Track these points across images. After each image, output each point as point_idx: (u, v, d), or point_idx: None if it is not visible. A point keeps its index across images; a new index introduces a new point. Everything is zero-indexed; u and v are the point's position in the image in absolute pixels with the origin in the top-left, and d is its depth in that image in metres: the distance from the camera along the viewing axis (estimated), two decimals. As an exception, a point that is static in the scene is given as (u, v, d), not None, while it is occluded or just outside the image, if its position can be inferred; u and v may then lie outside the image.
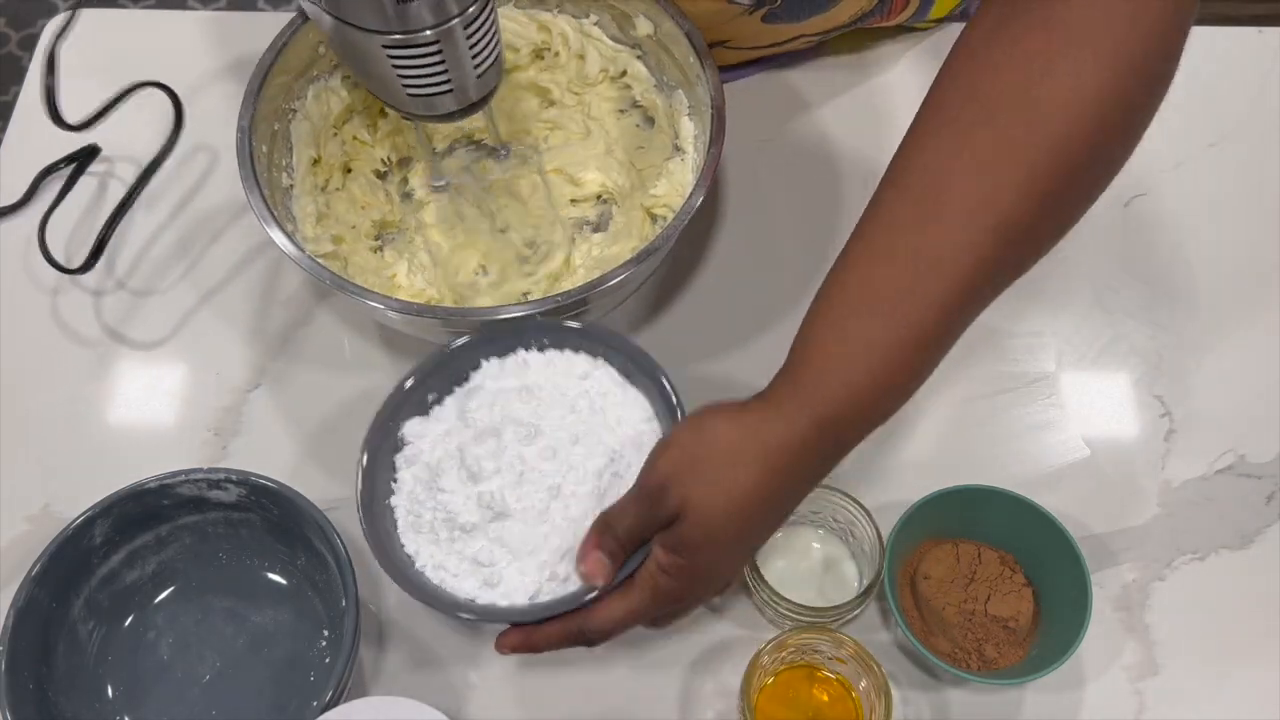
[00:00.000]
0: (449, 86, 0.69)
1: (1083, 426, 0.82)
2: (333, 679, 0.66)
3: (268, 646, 0.74)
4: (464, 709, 0.73)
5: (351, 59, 0.71)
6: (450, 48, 0.67)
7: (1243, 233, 0.89)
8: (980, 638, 0.71)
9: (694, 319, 0.85)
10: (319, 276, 0.71)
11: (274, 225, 0.73)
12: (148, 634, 0.74)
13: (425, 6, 0.64)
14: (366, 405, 0.83)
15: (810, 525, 0.76)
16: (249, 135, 0.75)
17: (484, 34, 0.68)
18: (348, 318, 0.86)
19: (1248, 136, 0.93)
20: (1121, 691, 0.73)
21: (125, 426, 0.83)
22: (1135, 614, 0.75)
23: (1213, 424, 0.82)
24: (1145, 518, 0.78)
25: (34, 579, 0.68)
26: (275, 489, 0.71)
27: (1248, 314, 0.86)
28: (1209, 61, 0.97)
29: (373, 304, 0.71)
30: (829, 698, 0.71)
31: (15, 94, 0.98)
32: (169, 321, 0.86)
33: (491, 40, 0.69)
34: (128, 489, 0.71)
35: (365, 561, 0.76)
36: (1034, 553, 0.73)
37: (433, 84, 0.69)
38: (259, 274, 0.88)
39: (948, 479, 0.74)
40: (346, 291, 0.71)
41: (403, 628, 0.75)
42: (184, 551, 0.75)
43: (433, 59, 0.67)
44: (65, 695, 0.70)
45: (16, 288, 0.88)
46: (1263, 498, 0.79)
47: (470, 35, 0.67)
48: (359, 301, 0.71)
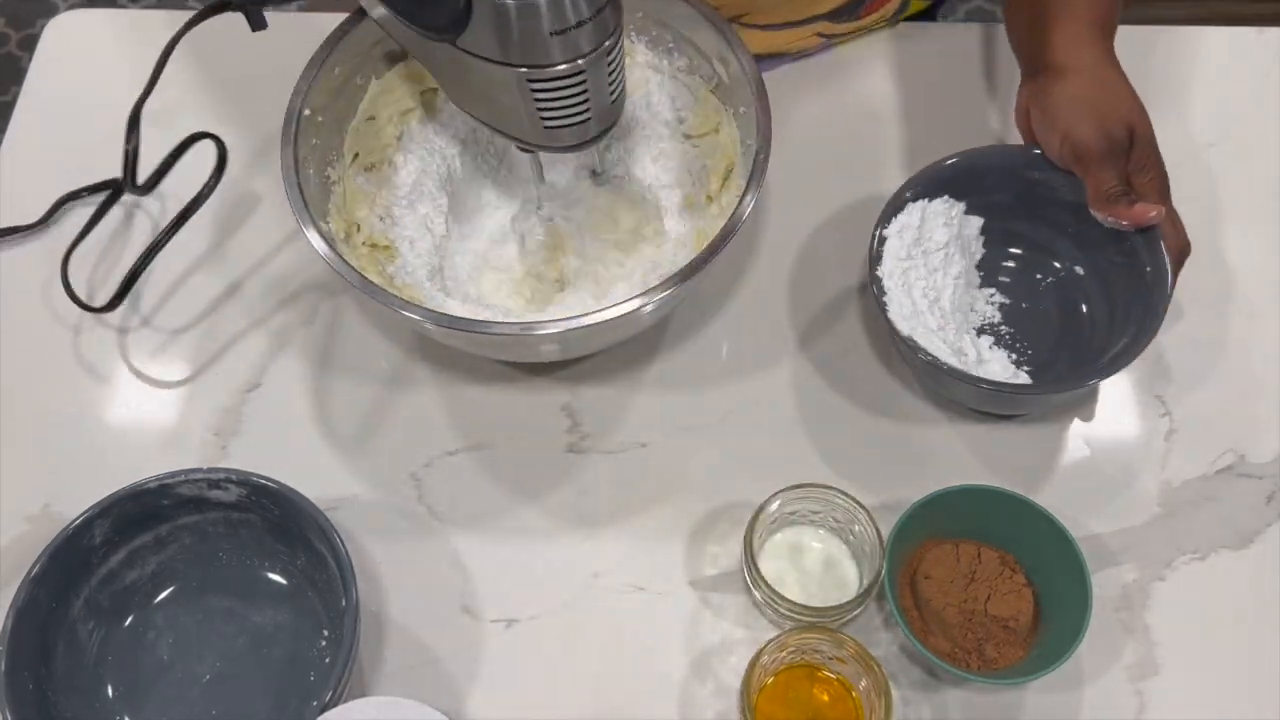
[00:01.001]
0: (588, 115, 0.68)
1: (1083, 426, 0.82)
2: (333, 679, 0.66)
3: (268, 646, 0.74)
4: (464, 709, 0.73)
5: (472, 93, 0.70)
6: (594, 76, 0.66)
7: (1243, 232, 0.89)
8: (980, 638, 0.71)
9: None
10: (351, 280, 0.70)
11: (311, 227, 0.72)
12: (148, 634, 0.74)
13: (582, 35, 0.63)
14: (367, 405, 0.83)
15: (810, 525, 0.76)
16: (296, 118, 0.75)
17: (620, 60, 0.68)
18: (352, 317, 0.86)
19: (1248, 136, 0.93)
20: (1121, 691, 0.73)
21: (125, 426, 0.83)
22: (1135, 614, 0.75)
23: (1213, 424, 0.82)
24: (1145, 518, 0.78)
25: (34, 579, 0.68)
26: (275, 489, 0.71)
27: (1248, 314, 0.86)
28: (1209, 61, 0.97)
29: (410, 315, 0.70)
30: (829, 698, 0.71)
31: (15, 94, 0.98)
32: (171, 324, 0.86)
33: (623, 66, 0.69)
34: (128, 489, 0.71)
35: (365, 561, 0.77)
36: (1034, 553, 0.73)
37: (573, 114, 0.68)
38: (268, 273, 0.88)
39: (948, 479, 0.74)
40: (383, 303, 0.70)
41: (403, 628, 0.75)
42: (184, 551, 0.75)
43: (577, 89, 0.66)
44: (65, 695, 0.70)
45: (18, 286, 0.88)
46: (1263, 498, 0.79)
47: (611, 63, 0.67)
48: (398, 313, 0.70)
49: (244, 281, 0.88)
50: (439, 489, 0.80)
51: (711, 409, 0.82)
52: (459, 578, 0.77)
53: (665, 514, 0.79)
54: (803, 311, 0.86)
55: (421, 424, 0.82)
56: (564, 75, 0.65)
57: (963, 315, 0.82)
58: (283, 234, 0.89)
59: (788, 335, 0.85)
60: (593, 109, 0.68)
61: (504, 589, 0.76)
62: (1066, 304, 0.83)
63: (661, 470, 0.80)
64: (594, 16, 0.63)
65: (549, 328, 0.69)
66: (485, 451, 0.81)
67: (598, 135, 0.71)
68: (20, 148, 0.94)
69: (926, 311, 0.79)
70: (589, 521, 0.79)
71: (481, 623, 0.75)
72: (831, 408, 0.82)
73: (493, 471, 0.80)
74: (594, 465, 0.81)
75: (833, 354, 0.84)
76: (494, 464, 0.81)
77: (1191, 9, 1.95)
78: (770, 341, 0.85)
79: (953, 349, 0.78)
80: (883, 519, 0.72)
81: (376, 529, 0.78)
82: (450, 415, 0.82)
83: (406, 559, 0.77)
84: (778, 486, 0.73)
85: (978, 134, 0.92)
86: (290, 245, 0.89)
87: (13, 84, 1.99)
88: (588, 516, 0.79)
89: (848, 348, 0.84)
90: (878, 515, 0.72)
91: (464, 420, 0.82)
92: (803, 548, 0.76)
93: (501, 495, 0.80)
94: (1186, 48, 0.98)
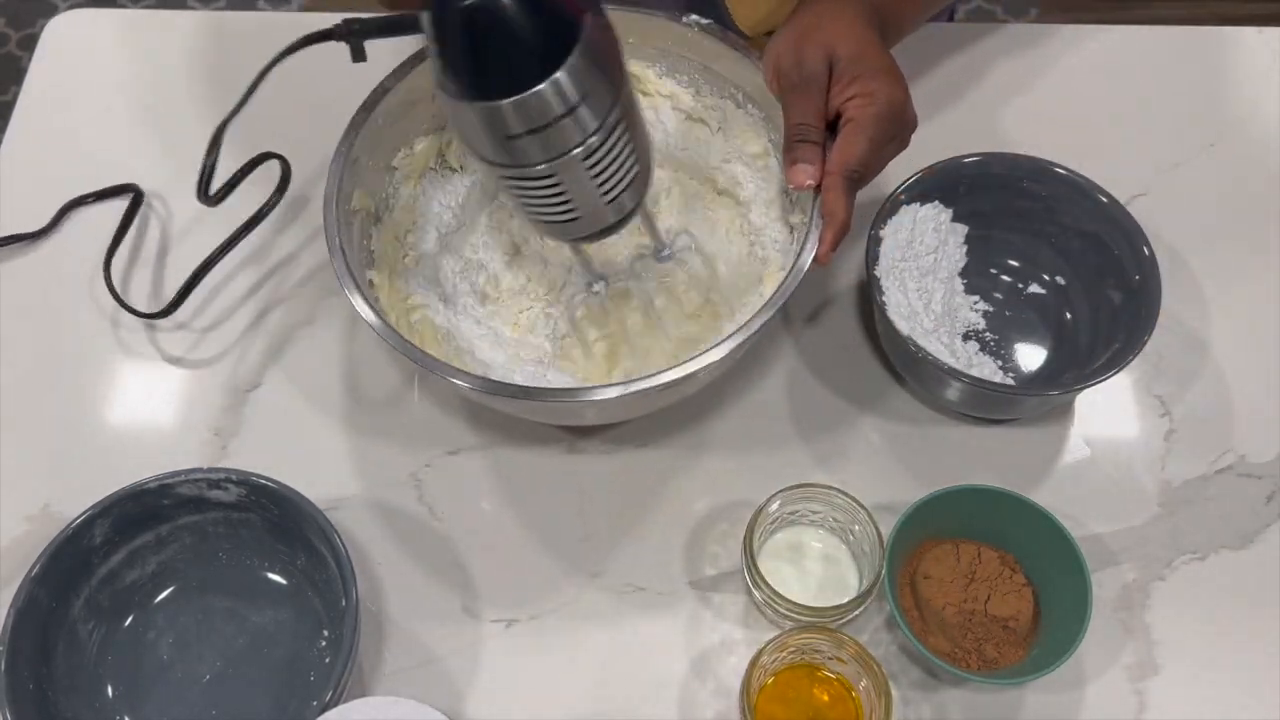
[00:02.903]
0: (574, 215, 0.64)
1: (1083, 426, 0.82)
2: (333, 679, 0.66)
3: (268, 646, 0.74)
4: (464, 709, 0.73)
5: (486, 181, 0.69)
6: (571, 179, 0.62)
7: (1243, 233, 0.89)
8: (980, 638, 0.71)
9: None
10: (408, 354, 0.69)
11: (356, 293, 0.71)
12: (148, 634, 0.74)
13: (534, 143, 0.59)
14: (367, 405, 0.83)
15: (810, 525, 0.76)
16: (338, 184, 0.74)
17: (611, 161, 0.62)
18: (351, 319, 0.86)
19: (1248, 136, 0.93)
20: (1121, 691, 0.73)
21: (125, 426, 0.83)
22: (1135, 614, 0.75)
23: (1213, 424, 0.82)
24: (1145, 518, 0.78)
25: (34, 579, 0.68)
26: (275, 489, 0.71)
27: (1247, 314, 0.86)
28: (1209, 61, 0.97)
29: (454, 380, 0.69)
30: (829, 698, 0.71)
31: (15, 94, 0.98)
32: (171, 324, 0.86)
33: (621, 166, 0.63)
34: (128, 489, 0.71)
35: (365, 561, 0.77)
36: (1034, 553, 0.73)
37: (556, 213, 0.64)
38: (268, 272, 0.88)
39: (947, 479, 0.74)
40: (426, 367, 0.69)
41: (403, 628, 0.75)
42: (184, 551, 0.75)
43: (551, 191, 0.62)
44: (65, 695, 0.70)
45: (20, 289, 0.88)
46: (1263, 498, 0.79)
47: (592, 166, 0.62)
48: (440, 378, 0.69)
49: (244, 282, 0.88)
50: (439, 489, 0.80)
51: (711, 409, 0.82)
52: (459, 578, 0.77)
53: (665, 514, 0.79)
54: (802, 311, 0.86)
55: (422, 424, 0.82)
56: (532, 178, 0.62)
57: (950, 320, 0.82)
58: (284, 235, 0.89)
59: (787, 335, 0.85)
60: (579, 208, 0.64)
61: (504, 589, 0.76)
62: (1050, 313, 0.83)
63: (661, 470, 0.80)
64: (567, 114, 0.58)
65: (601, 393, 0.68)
66: (485, 452, 0.81)
67: (607, 229, 0.67)
68: (20, 148, 0.94)
69: (922, 313, 0.79)
70: (589, 522, 0.79)
71: (481, 623, 0.75)
72: (831, 408, 0.82)
73: (493, 471, 0.80)
74: (594, 465, 0.81)
75: (832, 354, 0.84)
76: (494, 464, 0.81)
77: (1191, 9, 1.95)
78: (769, 341, 0.85)
79: (949, 351, 0.78)
80: (883, 519, 0.72)
81: (376, 529, 0.78)
82: (451, 416, 0.82)
83: (406, 559, 0.77)
84: (777, 487, 0.73)
85: (978, 135, 0.92)
86: (291, 246, 0.89)
87: (13, 84, 2.00)
88: (587, 517, 0.79)
89: (847, 348, 0.84)
90: (878, 515, 0.72)
91: (464, 420, 0.82)
92: (803, 548, 0.76)
93: (501, 495, 0.80)
94: (1186, 48, 0.98)
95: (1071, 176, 0.80)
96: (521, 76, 0.57)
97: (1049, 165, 0.81)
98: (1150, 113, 0.95)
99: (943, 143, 0.82)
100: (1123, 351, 0.75)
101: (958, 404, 0.80)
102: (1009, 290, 0.85)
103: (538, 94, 0.57)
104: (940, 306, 0.81)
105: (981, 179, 0.81)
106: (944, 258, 0.82)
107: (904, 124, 0.73)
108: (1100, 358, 0.77)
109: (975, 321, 0.83)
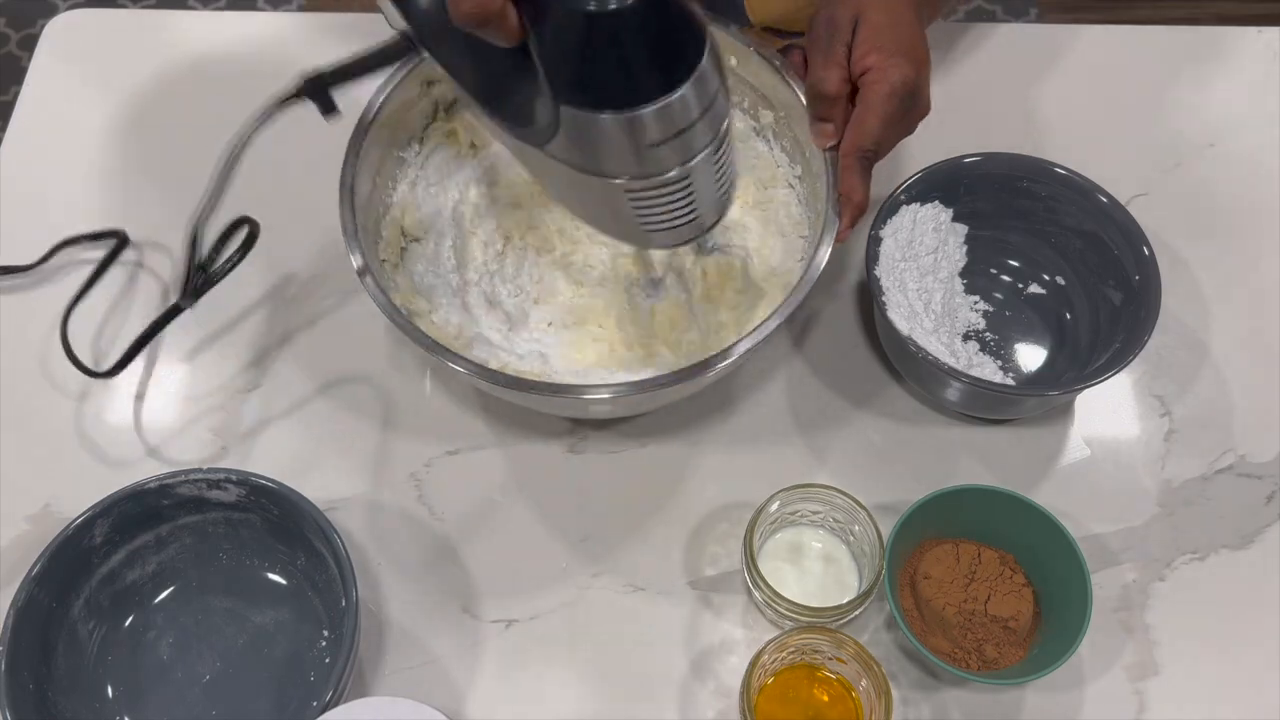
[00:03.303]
0: (694, 216, 0.64)
1: (1083, 426, 0.82)
2: (333, 679, 0.66)
3: (268, 646, 0.74)
4: (464, 709, 0.73)
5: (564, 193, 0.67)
6: (700, 180, 0.61)
7: (1243, 233, 0.89)
8: (980, 638, 0.71)
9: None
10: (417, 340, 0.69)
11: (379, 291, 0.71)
12: (148, 634, 0.74)
13: (672, 148, 0.58)
14: (368, 405, 0.83)
15: (810, 525, 0.76)
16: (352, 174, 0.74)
17: (726, 157, 0.63)
18: (352, 316, 0.86)
19: (1248, 136, 0.93)
20: (1121, 691, 0.73)
21: (125, 426, 0.83)
22: (1135, 614, 0.75)
23: (1213, 424, 0.82)
24: (1145, 518, 0.78)
25: (34, 579, 0.68)
26: (275, 489, 0.71)
27: (1248, 314, 0.86)
28: (1209, 61, 0.97)
29: (461, 369, 0.69)
30: (829, 698, 0.71)
31: (15, 94, 0.98)
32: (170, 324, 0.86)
33: (731, 161, 0.64)
34: (128, 489, 0.71)
35: (365, 561, 0.77)
36: (1034, 553, 0.73)
37: (677, 218, 0.63)
38: (268, 273, 0.88)
39: (947, 479, 0.74)
40: (439, 356, 0.69)
41: (403, 628, 0.75)
42: (184, 551, 0.75)
43: (679, 195, 0.62)
44: (65, 695, 0.70)
45: (19, 297, 0.88)
46: (1263, 498, 0.79)
47: (717, 164, 0.62)
48: (455, 371, 0.69)
49: (244, 282, 0.88)
50: (439, 489, 0.80)
51: (711, 409, 0.82)
52: (459, 578, 0.77)
53: (665, 514, 0.79)
54: (801, 311, 0.86)
55: (422, 424, 0.82)
56: (665, 185, 0.60)
57: (950, 320, 0.82)
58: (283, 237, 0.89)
59: (786, 335, 0.85)
60: (698, 209, 0.64)
61: (504, 589, 0.76)
62: (1050, 313, 0.83)
63: (661, 470, 0.80)
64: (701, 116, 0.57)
65: (604, 391, 0.68)
66: (485, 452, 0.81)
67: (707, 229, 0.67)
68: (20, 148, 0.94)
69: (922, 313, 0.79)
70: (589, 522, 0.79)
71: (481, 623, 0.75)
72: (831, 408, 0.82)
73: (493, 471, 0.80)
74: (594, 465, 0.81)
75: (832, 354, 0.84)
76: (494, 464, 0.81)
77: (1191, 9, 1.96)
78: (769, 341, 0.84)
79: (949, 351, 0.78)
80: (883, 519, 0.72)
81: (376, 529, 0.78)
82: (451, 415, 0.82)
83: (406, 559, 0.77)
84: (777, 487, 0.73)
85: (978, 135, 0.92)
86: (290, 247, 0.89)
87: (13, 84, 1.99)
88: (588, 517, 0.79)
89: (847, 348, 0.84)
90: (878, 515, 0.72)
91: (465, 420, 0.82)
92: (803, 548, 0.76)
93: (501, 495, 0.80)
94: (1186, 48, 0.98)
95: (1071, 176, 0.80)
96: (667, 79, 0.56)
97: (1049, 165, 0.81)
98: (1150, 113, 0.95)
99: (943, 143, 0.82)
100: (1123, 351, 0.75)
101: (958, 404, 0.80)
102: (1009, 290, 0.85)
103: (682, 98, 0.56)
104: (940, 306, 0.81)
105: (981, 179, 0.81)
106: (944, 258, 0.82)
107: (915, 106, 0.73)
108: (1100, 358, 0.77)
109: (975, 321, 0.83)
